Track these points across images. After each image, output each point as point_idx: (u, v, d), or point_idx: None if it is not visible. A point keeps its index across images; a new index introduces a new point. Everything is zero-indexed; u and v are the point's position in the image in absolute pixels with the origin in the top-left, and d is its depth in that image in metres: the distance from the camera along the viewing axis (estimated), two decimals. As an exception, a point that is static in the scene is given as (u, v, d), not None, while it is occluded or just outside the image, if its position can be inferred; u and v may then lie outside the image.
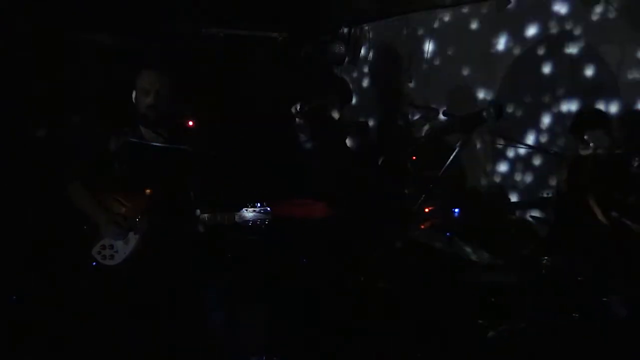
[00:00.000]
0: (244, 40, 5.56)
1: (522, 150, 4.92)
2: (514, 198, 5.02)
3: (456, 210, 4.11)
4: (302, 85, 5.55)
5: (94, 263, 3.37)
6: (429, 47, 5.69)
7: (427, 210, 4.25)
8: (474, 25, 5.35)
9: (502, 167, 5.08)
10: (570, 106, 4.67)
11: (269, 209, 3.27)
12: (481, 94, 5.17)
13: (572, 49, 4.69)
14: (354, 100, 6.00)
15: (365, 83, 6.25)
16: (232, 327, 4.10)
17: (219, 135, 4.73)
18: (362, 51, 6.20)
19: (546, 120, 4.80)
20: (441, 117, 5.49)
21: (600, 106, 4.44)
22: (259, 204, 3.30)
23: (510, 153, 5.01)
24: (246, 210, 3.31)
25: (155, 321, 3.34)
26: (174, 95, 3.47)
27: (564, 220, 4.03)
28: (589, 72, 4.60)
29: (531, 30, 4.94)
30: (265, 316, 4.17)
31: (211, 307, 3.95)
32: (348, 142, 4.61)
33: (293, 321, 4.15)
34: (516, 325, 3.48)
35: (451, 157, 2.66)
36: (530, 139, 4.85)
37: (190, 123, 4.43)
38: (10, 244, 4.20)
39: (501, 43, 5.12)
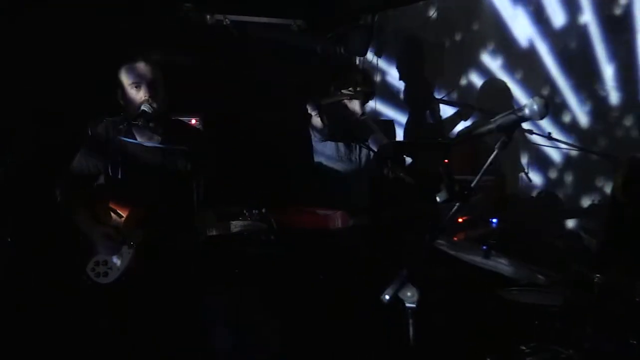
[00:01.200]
0: (254, 28, 5.50)
1: (569, 152, 4.86)
2: (559, 206, 4.96)
3: (494, 220, 4.03)
4: (320, 78, 5.50)
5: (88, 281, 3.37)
6: (462, 36, 5.62)
7: (460, 220, 4.18)
8: (512, 12, 5.25)
9: (547, 172, 5.04)
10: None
11: (269, 217, 3.22)
12: (523, 89, 5.12)
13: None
14: (377, 95, 5.92)
15: (390, 76, 6.18)
16: (238, 351, 4.05)
17: (223, 135, 4.68)
18: (387, 40, 6.12)
19: (588, 119, 4.79)
20: (477, 114, 5.44)
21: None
22: (256, 211, 3.26)
23: (557, 155, 4.97)
24: (242, 218, 3.26)
25: (153, 344, 3.31)
26: (168, 89, 3.42)
27: (618, 233, 3.91)
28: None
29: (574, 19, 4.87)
30: (275, 338, 4.10)
31: (214, 329, 3.89)
32: (371, 142, 4.53)
33: (307, 344, 4.08)
34: (563, 353, 3.38)
35: (489, 160, 2.57)
36: (574, 140, 4.82)
37: (193, 121, 4.40)
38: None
39: (545, 32, 5.04)
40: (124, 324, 3.36)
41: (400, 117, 6.13)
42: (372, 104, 5.78)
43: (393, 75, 6.18)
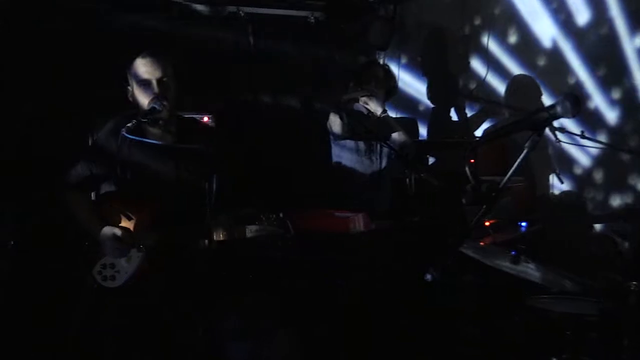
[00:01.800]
0: (270, 20, 5.50)
1: (601, 152, 4.83)
2: (592, 209, 4.93)
3: (523, 223, 4.01)
4: (339, 73, 5.49)
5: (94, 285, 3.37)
6: (489, 28, 5.59)
7: (487, 223, 4.15)
8: (543, 5, 5.22)
9: (578, 172, 5.00)
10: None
11: (287, 221, 3.20)
12: (553, 85, 5.08)
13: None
14: (399, 92, 5.90)
15: (413, 71, 6.15)
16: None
17: (237, 133, 4.69)
18: (409, 32, 6.10)
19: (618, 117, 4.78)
20: (505, 111, 5.40)
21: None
22: (273, 215, 3.24)
23: (588, 155, 4.94)
24: (258, 223, 3.24)
25: (160, 354, 3.31)
26: (180, 85, 3.41)
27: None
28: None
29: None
30: (291, 347, 4.09)
31: (227, 338, 3.88)
32: (392, 141, 4.51)
33: (323, 354, 4.07)
34: (597, 365, 3.34)
35: (518, 160, 2.53)
36: (604, 138, 4.80)
37: (205, 119, 4.39)
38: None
39: (576, 25, 5.00)
40: (130, 331, 3.35)
41: (423, 115, 6.10)
42: (393, 101, 5.74)
43: (415, 70, 6.15)
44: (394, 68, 5.19)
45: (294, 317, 4.14)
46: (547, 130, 4.51)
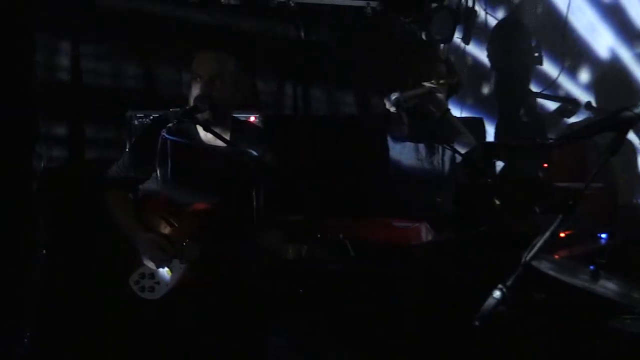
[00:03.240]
0: (322, 11, 5.54)
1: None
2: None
3: (603, 235, 3.96)
4: (398, 69, 5.50)
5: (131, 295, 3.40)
6: (567, 18, 5.54)
7: (563, 235, 4.11)
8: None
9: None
10: None
11: (346, 242, 3.20)
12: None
13: None
14: (464, 89, 5.90)
15: (480, 66, 6.13)
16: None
17: (288, 135, 4.72)
18: (476, 25, 6.09)
19: None
20: (584, 111, 5.35)
21: None
22: (332, 237, 3.24)
23: None
24: (314, 241, 3.26)
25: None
26: (240, 85, 3.47)
27: None
28: None
29: None
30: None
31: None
32: (457, 143, 4.50)
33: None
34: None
35: (598, 165, 2.52)
36: None
37: (252, 118, 4.43)
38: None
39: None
40: (170, 348, 3.38)
41: (491, 114, 6.08)
42: (459, 98, 5.74)
43: (483, 64, 6.13)
44: (458, 62, 5.18)
45: (347, 336, 4.16)
46: (632, 132, 4.47)
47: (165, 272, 3.37)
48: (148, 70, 5.00)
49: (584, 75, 5.48)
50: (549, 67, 5.72)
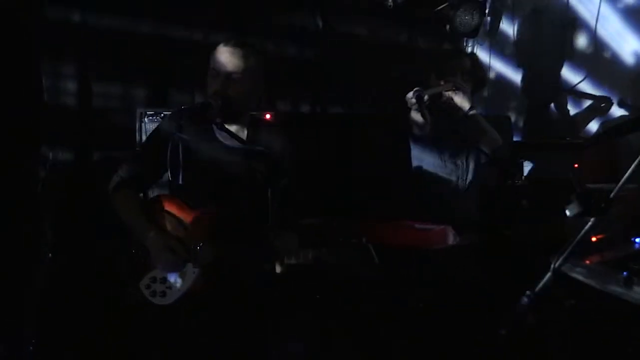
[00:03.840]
0: (341, 3, 5.55)
1: None
2: None
3: (637, 239, 3.93)
4: (421, 64, 5.49)
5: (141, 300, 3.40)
6: (599, 12, 5.51)
7: (595, 239, 4.08)
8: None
9: None
10: None
11: (369, 247, 3.19)
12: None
13: None
14: (490, 85, 5.88)
15: (506, 62, 6.11)
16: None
17: (305, 133, 4.72)
18: (503, 19, 6.07)
19: None
20: (617, 108, 5.31)
21: None
22: (355, 240, 3.23)
23: None
24: (335, 245, 3.25)
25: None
26: (260, 83, 3.46)
27: None
28: None
29: None
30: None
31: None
32: (482, 143, 4.48)
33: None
34: None
35: (632, 166, 2.50)
36: None
37: (267, 116, 4.43)
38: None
39: None
40: (180, 356, 3.38)
41: (518, 112, 6.06)
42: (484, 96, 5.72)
43: (509, 59, 6.11)
44: (483, 57, 5.16)
45: (365, 342, 4.16)
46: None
47: (176, 277, 3.37)
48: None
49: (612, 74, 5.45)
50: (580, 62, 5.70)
